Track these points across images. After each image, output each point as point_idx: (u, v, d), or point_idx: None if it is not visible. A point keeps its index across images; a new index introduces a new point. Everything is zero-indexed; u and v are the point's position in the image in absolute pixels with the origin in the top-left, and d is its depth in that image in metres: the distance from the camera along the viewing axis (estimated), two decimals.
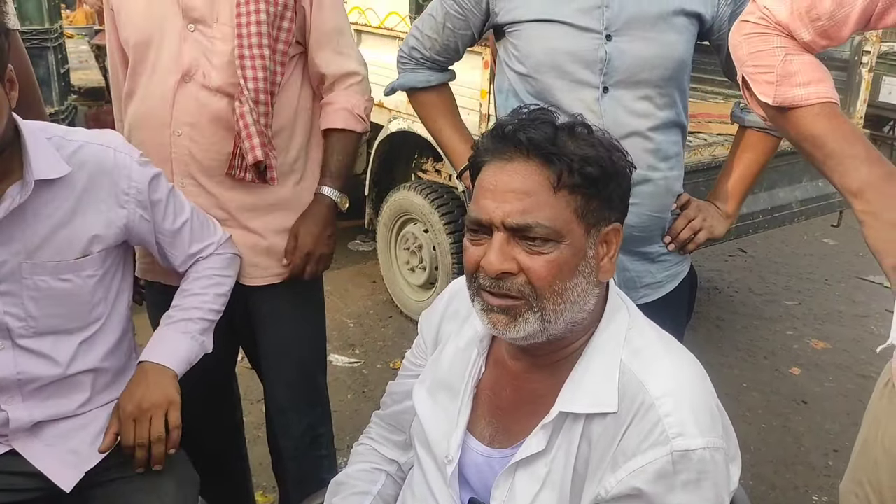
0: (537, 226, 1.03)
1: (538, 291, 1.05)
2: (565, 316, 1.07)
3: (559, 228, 1.04)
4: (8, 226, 1.41)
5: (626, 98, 1.62)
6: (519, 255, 1.05)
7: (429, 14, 1.81)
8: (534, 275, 1.05)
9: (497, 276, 1.05)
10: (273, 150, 1.76)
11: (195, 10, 1.70)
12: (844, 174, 1.15)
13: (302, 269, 1.86)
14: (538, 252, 1.04)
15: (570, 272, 1.06)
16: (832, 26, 1.17)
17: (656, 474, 1.01)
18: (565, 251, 1.05)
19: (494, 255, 1.05)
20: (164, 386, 1.52)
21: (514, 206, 1.04)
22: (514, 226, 1.04)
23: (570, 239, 1.05)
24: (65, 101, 3.50)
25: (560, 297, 1.06)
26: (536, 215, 1.03)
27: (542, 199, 1.04)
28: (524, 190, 1.04)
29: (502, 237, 1.05)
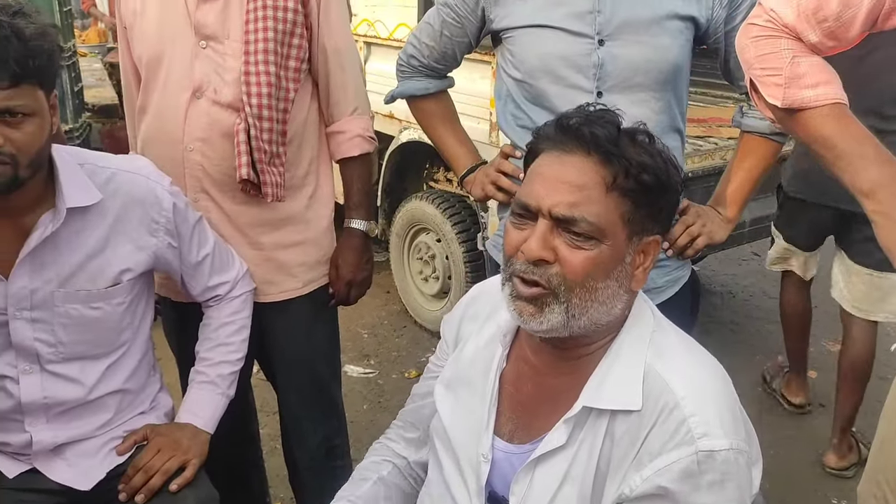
0: (583, 220, 1.05)
1: (568, 284, 1.06)
2: (590, 314, 1.09)
3: (603, 228, 1.06)
4: (41, 254, 1.43)
5: (620, 103, 1.61)
6: (559, 245, 1.06)
7: (426, 22, 1.83)
8: (569, 267, 1.06)
9: (533, 262, 1.07)
10: (278, 167, 1.78)
11: (207, 27, 1.72)
12: (855, 175, 1.15)
13: (346, 295, 1.96)
14: (579, 247, 1.06)
15: (604, 273, 1.08)
16: (839, 27, 1.17)
17: (682, 473, 1.02)
18: (605, 251, 1.07)
19: (535, 241, 1.06)
20: (200, 443, 1.61)
21: (564, 198, 1.06)
22: (560, 216, 1.06)
23: (612, 241, 1.07)
24: (79, 118, 3.54)
25: (589, 295, 1.07)
26: (584, 210, 1.05)
27: (593, 196, 1.06)
28: (578, 183, 1.06)
29: (547, 225, 1.07)
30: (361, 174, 1.95)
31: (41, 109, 1.34)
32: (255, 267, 1.85)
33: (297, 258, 1.90)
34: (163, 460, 1.53)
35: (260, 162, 1.73)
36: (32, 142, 1.33)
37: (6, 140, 1.29)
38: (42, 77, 1.33)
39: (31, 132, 1.32)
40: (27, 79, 1.30)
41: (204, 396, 1.67)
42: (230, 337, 1.72)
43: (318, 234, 1.93)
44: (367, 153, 1.94)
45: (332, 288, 1.95)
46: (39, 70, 1.31)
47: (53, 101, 1.40)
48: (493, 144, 3.37)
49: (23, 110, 1.31)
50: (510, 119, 1.74)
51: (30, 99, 1.31)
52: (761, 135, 1.72)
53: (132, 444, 1.58)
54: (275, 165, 1.77)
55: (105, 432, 1.58)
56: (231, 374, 1.71)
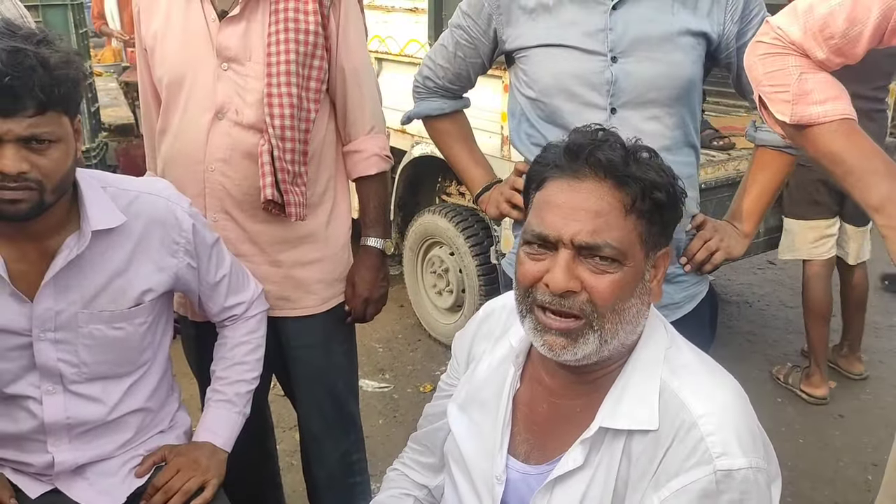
0: (606, 246, 1.05)
1: (599, 310, 1.06)
2: (620, 336, 1.09)
3: (625, 250, 1.06)
4: (65, 276, 1.45)
5: (634, 119, 1.63)
6: (583, 273, 1.06)
7: (440, 44, 1.86)
8: (597, 294, 1.06)
9: (561, 294, 1.06)
10: (300, 186, 1.79)
11: (229, 50, 1.74)
12: (864, 190, 1.15)
13: (363, 312, 1.97)
14: (604, 271, 1.06)
15: (629, 293, 1.08)
16: (846, 44, 1.18)
17: (700, 493, 1.01)
18: (628, 273, 1.07)
19: (561, 272, 1.06)
20: (218, 463, 1.62)
21: (584, 226, 1.05)
22: (583, 244, 1.05)
23: (633, 262, 1.08)
24: (96, 138, 3.58)
25: (619, 318, 1.08)
26: (606, 236, 1.05)
27: (612, 221, 1.06)
28: (596, 210, 1.06)
29: (569, 254, 1.06)
30: (378, 192, 1.96)
31: (66, 135, 1.36)
32: (274, 284, 1.86)
33: (315, 275, 1.91)
34: (182, 480, 1.54)
35: (283, 182, 1.74)
36: (58, 168, 1.35)
37: (32, 166, 1.31)
38: (67, 104, 1.35)
39: (56, 158, 1.34)
40: (53, 106, 1.32)
41: (221, 415, 1.68)
42: (246, 356, 1.73)
43: (336, 251, 1.94)
44: (383, 171, 1.95)
45: (349, 305, 1.96)
46: (64, 98, 1.33)
47: (78, 125, 1.42)
48: (504, 158, 3.38)
49: (49, 137, 1.32)
50: (524, 137, 1.75)
51: (55, 126, 1.33)
52: (776, 148, 1.72)
53: (151, 465, 1.59)
54: (297, 185, 1.78)
55: (125, 451, 1.59)
56: (247, 393, 1.72)
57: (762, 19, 1.67)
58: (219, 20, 1.74)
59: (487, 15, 1.73)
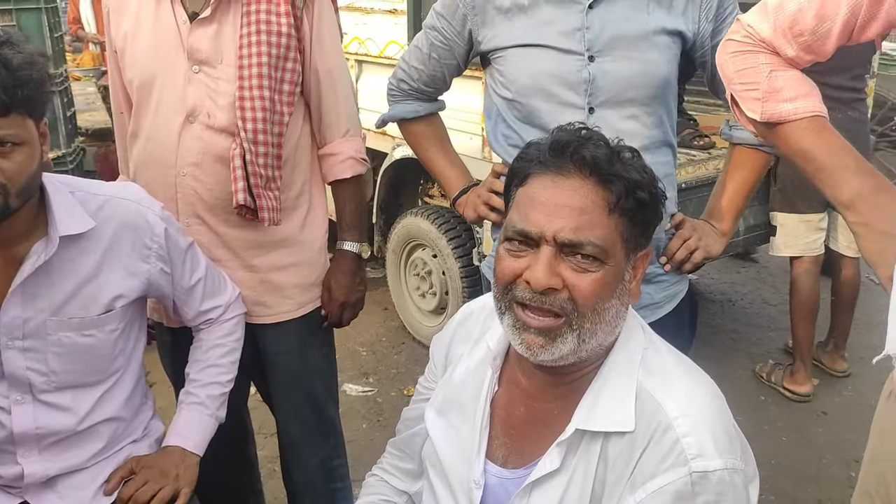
0: (589, 244, 1.04)
1: (580, 309, 1.05)
2: (598, 336, 1.08)
3: (608, 249, 1.06)
4: (33, 283, 1.42)
5: (612, 118, 1.62)
6: (564, 271, 1.05)
7: (414, 46, 1.84)
8: (578, 292, 1.05)
9: (542, 292, 1.05)
10: (274, 191, 1.77)
11: (200, 52, 1.72)
12: (835, 187, 1.15)
13: (339, 317, 1.95)
14: (585, 269, 1.05)
15: (609, 293, 1.07)
16: (815, 41, 1.18)
17: (676, 495, 1.00)
18: (609, 272, 1.06)
19: (542, 270, 1.05)
20: (189, 468, 1.58)
21: (567, 223, 1.05)
22: (565, 241, 1.05)
23: (614, 261, 1.07)
24: (72, 143, 3.53)
25: (598, 317, 1.07)
26: (589, 234, 1.04)
27: (595, 219, 1.05)
28: (580, 207, 1.05)
29: (551, 252, 1.05)
30: (354, 195, 1.94)
31: (31, 138, 1.34)
32: (250, 289, 1.84)
33: (291, 280, 1.89)
34: (152, 491, 1.50)
35: (256, 186, 1.72)
36: (22, 171, 1.32)
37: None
38: (31, 106, 1.33)
39: (20, 161, 1.32)
40: (15, 108, 1.29)
41: (193, 418, 1.65)
42: (220, 359, 1.70)
43: (313, 255, 1.92)
44: (359, 174, 1.93)
45: (325, 310, 1.94)
46: (28, 99, 1.31)
47: (43, 129, 1.40)
48: (485, 160, 3.37)
49: (12, 139, 1.30)
50: (501, 139, 1.74)
51: (19, 128, 1.31)
52: (751, 146, 1.72)
53: (119, 481, 1.55)
54: (271, 189, 1.76)
55: (97, 462, 1.56)
56: (221, 396, 1.69)
57: (736, 17, 1.67)
58: (190, 22, 1.72)
59: (462, 16, 1.71)
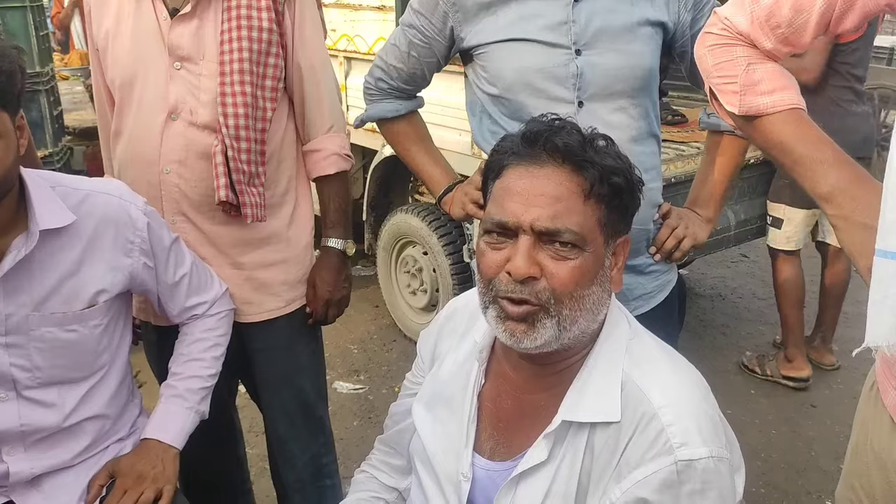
0: (567, 231, 1.05)
1: (557, 296, 1.06)
2: (580, 324, 1.08)
3: (585, 236, 1.06)
4: (14, 278, 1.40)
5: (601, 111, 1.62)
6: (544, 259, 1.06)
7: (392, 44, 1.79)
8: (557, 280, 1.05)
9: (522, 281, 1.06)
10: (258, 187, 1.76)
11: (181, 49, 1.71)
12: (814, 180, 1.15)
13: (324, 314, 1.94)
14: (564, 257, 1.06)
15: (589, 280, 1.08)
16: (792, 33, 1.18)
17: (661, 484, 1.01)
18: (588, 259, 1.07)
19: (521, 258, 1.05)
20: (166, 463, 1.56)
21: (544, 211, 1.05)
22: (543, 230, 1.05)
23: (593, 247, 1.07)
24: (59, 142, 3.51)
25: (578, 304, 1.07)
26: (566, 221, 1.05)
27: (571, 206, 1.06)
28: (555, 195, 1.06)
29: (529, 241, 1.06)
30: (339, 192, 1.93)
31: (6, 131, 1.32)
32: (237, 287, 1.83)
33: (278, 277, 1.88)
34: (132, 499, 1.48)
35: (238, 183, 1.71)
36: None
37: None
38: (2, 99, 1.31)
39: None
40: None
41: (170, 410, 1.63)
42: (203, 353, 1.69)
43: (299, 252, 1.91)
44: (343, 171, 1.92)
45: (310, 307, 1.93)
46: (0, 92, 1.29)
47: (20, 122, 1.38)
48: (475, 156, 3.37)
49: None
50: (488, 135, 1.73)
51: None
52: (731, 133, 1.75)
53: (98, 490, 1.53)
54: (254, 185, 1.75)
55: (83, 460, 1.55)
56: (202, 390, 1.67)
57: (713, 6, 1.69)
58: (170, 18, 1.71)
59: (443, 13, 1.69)
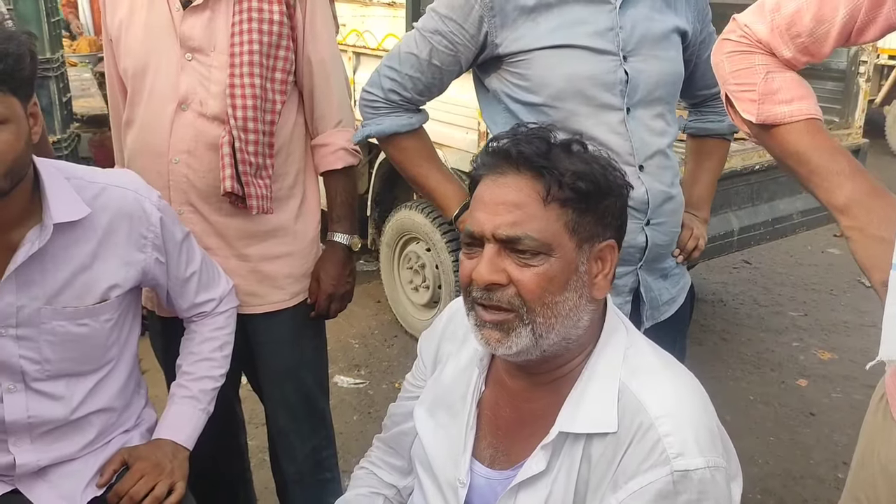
0: (526, 237, 1.05)
1: (528, 304, 1.06)
2: (557, 330, 1.08)
3: (548, 241, 1.06)
4: (27, 270, 1.40)
5: (645, 117, 1.64)
6: (509, 266, 1.07)
7: (407, 52, 1.66)
8: (523, 287, 1.06)
9: (486, 288, 1.07)
10: (264, 179, 1.77)
11: (192, 40, 1.72)
12: (829, 190, 1.15)
13: (327, 308, 1.94)
14: (527, 264, 1.06)
15: (560, 286, 1.07)
16: (812, 43, 1.18)
17: (657, 494, 1.01)
18: (555, 264, 1.06)
19: (484, 266, 1.07)
20: (181, 462, 1.57)
21: (504, 219, 1.06)
22: (503, 237, 1.06)
23: (560, 252, 1.07)
24: (67, 129, 3.52)
25: (550, 311, 1.07)
26: (526, 227, 1.05)
27: (531, 212, 1.06)
28: (515, 202, 1.06)
29: (493, 249, 1.07)
30: (346, 187, 1.93)
31: (14, 117, 1.30)
32: (241, 279, 1.83)
33: (283, 270, 1.89)
34: (148, 485, 1.49)
35: (245, 175, 1.72)
36: (7, 150, 1.29)
37: None
38: (11, 83, 1.29)
39: (4, 140, 1.28)
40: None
41: (185, 412, 1.64)
42: (213, 352, 1.70)
43: (305, 245, 1.92)
44: (351, 166, 1.92)
45: (312, 300, 1.94)
46: (7, 75, 1.27)
47: (33, 109, 1.36)
48: None
49: None
50: None
51: (0, 106, 1.27)
52: (721, 136, 1.82)
53: (111, 474, 1.54)
54: (261, 178, 1.75)
55: (89, 452, 1.55)
56: (213, 390, 1.69)
57: (710, 17, 1.75)
58: (183, 9, 1.71)
59: (478, 17, 1.59)
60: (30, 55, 1.32)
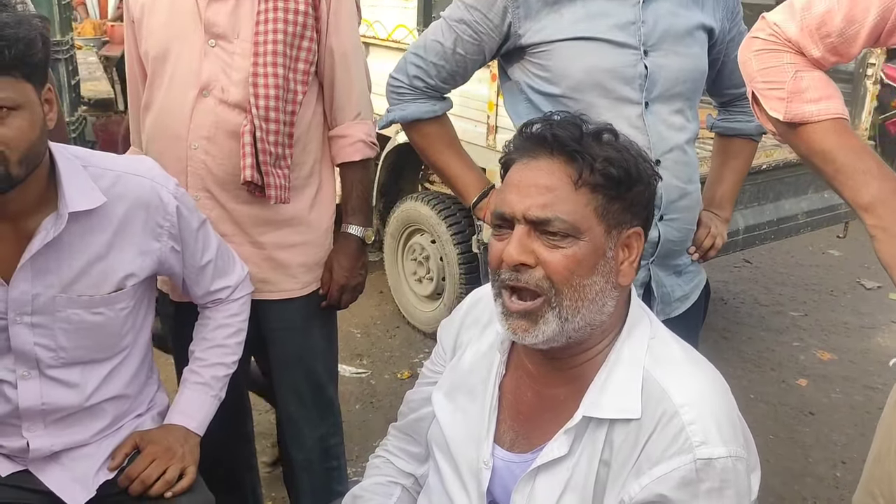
0: (556, 219, 1.06)
1: (556, 286, 1.07)
2: (583, 314, 1.09)
3: (578, 224, 1.07)
4: (43, 259, 1.39)
5: (663, 112, 1.64)
6: (538, 248, 1.08)
7: (433, 40, 1.70)
8: (551, 268, 1.07)
9: (515, 268, 1.08)
10: (283, 169, 1.77)
11: (217, 26, 1.72)
12: (855, 189, 1.16)
13: (338, 299, 1.95)
14: (557, 246, 1.07)
15: (588, 269, 1.08)
16: (842, 43, 1.18)
17: (680, 481, 1.02)
18: (584, 248, 1.07)
19: (514, 246, 1.08)
20: (192, 448, 1.58)
21: (535, 200, 1.07)
22: (534, 219, 1.07)
23: (589, 236, 1.08)
24: (75, 112, 3.51)
25: (577, 294, 1.08)
26: (556, 209, 1.06)
27: (562, 195, 1.07)
28: (546, 185, 1.08)
29: (523, 230, 1.08)
30: (362, 179, 1.94)
31: (28, 102, 1.28)
32: (255, 266, 1.84)
33: (297, 259, 1.89)
34: (160, 469, 1.50)
35: (265, 164, 1.72)
36: (21, 137, 1.27)
37: None
38: (23, 68, 1.27)
39: (18, 126, 1.27)
40: (5, 70, 1.24)
41: (197, 398, 1.65)
42: (227, 339, 1.70)
43: (319, 235, 1.92)
44: (368, 158, 1.93)
45: (324, 291, 1.94)
46: (18, 60, 1.25)
47: (48, 94, 1.35)
48: (489, 148, 3.38)
49: (4, 103, 1.25)
50: None
51: (12, 91, 1.26)
52: (749, 137, 1.80)
53: (123, 458, 1.54)
54: (280, 167, 1.76)
55: (102, 438, 1.56)
56: (225, 377, 1.69)
57: (741, 16, 1.72)
58: None
59: (502, 8, 1.62)
60: (42, 40, 1.30)
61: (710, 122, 1.93)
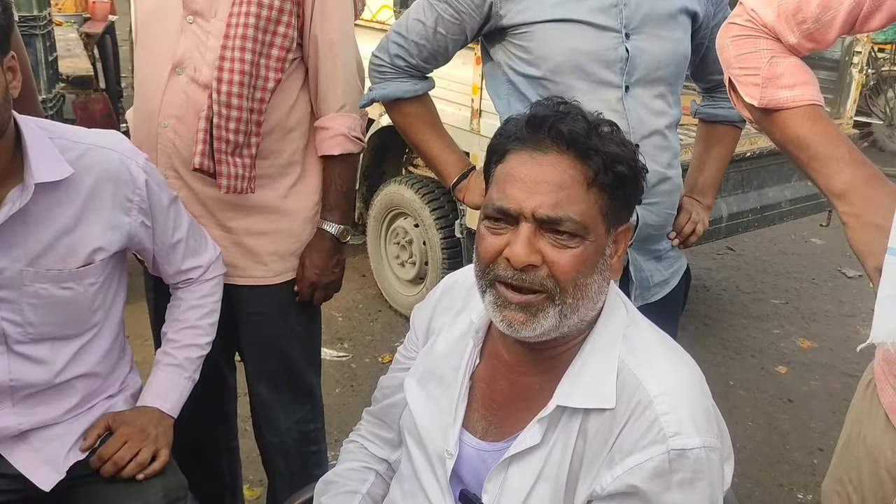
0: (568, 220, 1.03)
1: (561, 285, 1.05)
2: (580, 312, 1.08)
3: (587, 224, 1.05)
4: (9, 231, 1.36)
5: (644, 97, 1.63)
6: (544, 247, 1.05)
7: (415, 19, 1.70)
8: (558, 269, 1.05)
9: (521, 269, 1.05)
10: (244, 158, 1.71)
11: (195, 3, 1.68)
12: (828, 176, 1.15)
13: (310, 295, 1.90)
14: (565, 246, 1.05)
15: (590, 268, 1.07)
16: (818, 29, 1.18)
17: (653, 472, 1.01)
18: (589, 247, 1.06)
19: (522, 246, 1.04)
20: (166, 430, 1.56)
21: (546, 199, 1.04)
22: (544, 217, 1.04)
23: (595, 236, 1.06)
24: (52, 89, 3.46)
25: (581, 293, 1.06)
26: (568, 209, 1.03)
27: (574, 194, 1.04)
28: (558, 183, 1.04)
29: (530, 228, 1.05)
30: (342, 174, 1.86)
31: None
32: (224, 249, 1.79)
33: (268, 247, 1.85)
34: (132, 451, 1.48)
35: (219, 152, 1.66)
36: None
37: None
38: None
39: None
40: None
41: (170, 380, 1.63)
42: (199, 320, 1.68)
43: (296, 225, 1.87)
44: (349, 153, 1.85)
45: (297, 286, 1.90)
46: None
47: (11, 62, 1.32)
48: (473, 132, 3.36)
49: None
50: None
51: None
52: (732, 123, 1.80)
53: (95, 438, 1.52)
54: (241, 156, 1.70)
55: (72, 417, 1.53)
56: (199, 359, 1.67)
57: (727, 1, 1.71)
58: None
59: None
60: (2, 6, 1.28)
61: (693, 108, 1.93)
